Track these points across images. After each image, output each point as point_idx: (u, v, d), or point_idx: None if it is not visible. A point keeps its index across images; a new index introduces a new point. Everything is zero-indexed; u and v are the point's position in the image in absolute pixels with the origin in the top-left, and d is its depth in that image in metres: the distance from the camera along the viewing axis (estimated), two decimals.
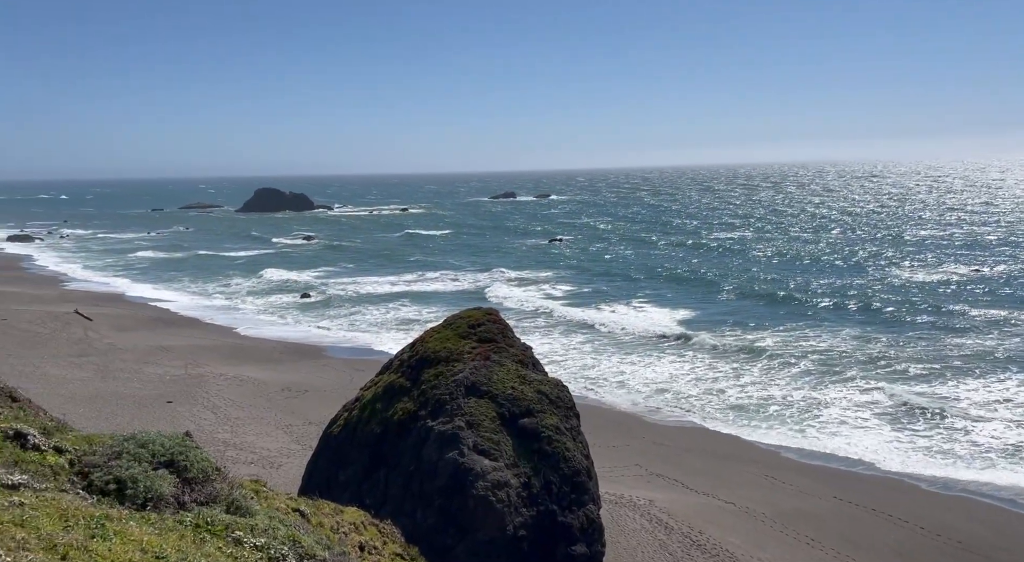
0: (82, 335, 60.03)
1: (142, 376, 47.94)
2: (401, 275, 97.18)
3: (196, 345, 57.34)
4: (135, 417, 38.54)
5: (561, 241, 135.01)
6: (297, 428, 38.06)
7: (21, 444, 9.21)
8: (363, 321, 68.09)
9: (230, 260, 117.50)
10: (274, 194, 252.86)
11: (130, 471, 8.44)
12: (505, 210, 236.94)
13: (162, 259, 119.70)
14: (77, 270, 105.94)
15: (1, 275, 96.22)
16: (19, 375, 42.61)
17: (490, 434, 22.36)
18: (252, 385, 46.06)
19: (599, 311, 69.85)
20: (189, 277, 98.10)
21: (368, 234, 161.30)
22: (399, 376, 26.67)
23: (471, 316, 28.33)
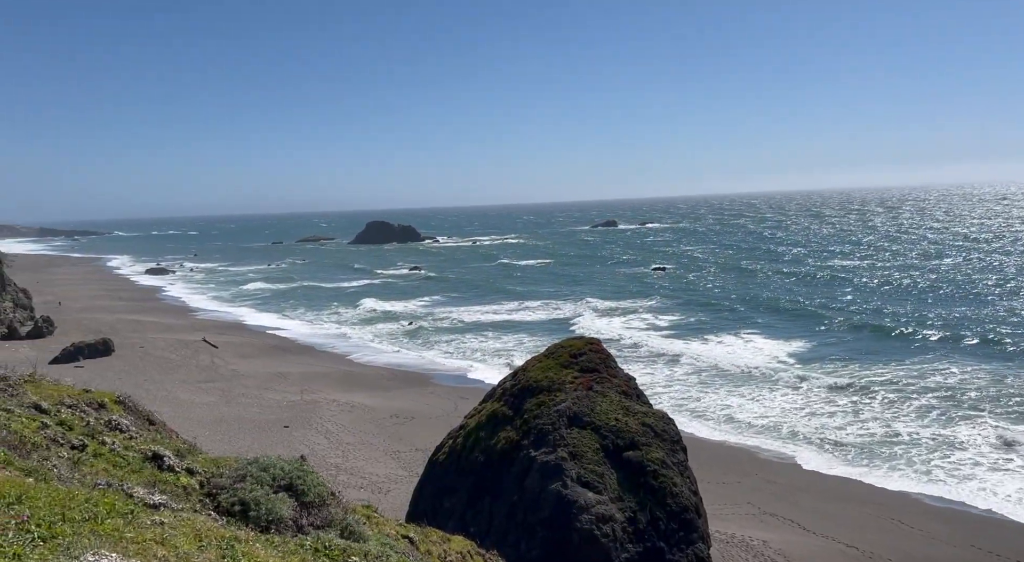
0: (209, 362, 64.15)
1: (262, 401, 50.60)
2: (502, 304, 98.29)
3: (311, 372, 60.02)
4: (255, 440, 40.67)
5: (664, 270, 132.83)
6: (404, 454, 38.95)
7: (158, 465, 9.98)
8: (466, 349, 69.21)
9: (342, 290, 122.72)
10: (383, 227, 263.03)
11: (253, 494, 8.96)
12: (604, 239, 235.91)
13: (280, 289, 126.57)
14: (205, 300, 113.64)
15: (140, 305, 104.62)
16: (154, 399, 45.94)
17: (593, 466, 22.11)
18: (362, 411, 47.65)
19: (704, 342, 67.96)
20: (304, 306, 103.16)
21: (470, 264, 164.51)
22: (502, 405, 26.88)
23: (572, 345, 28.28)
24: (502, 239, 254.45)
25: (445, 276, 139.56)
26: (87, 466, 8.82)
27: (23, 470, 6.84)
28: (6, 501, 5.29)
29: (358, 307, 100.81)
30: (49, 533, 4.84)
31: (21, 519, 4.93)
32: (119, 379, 54.50)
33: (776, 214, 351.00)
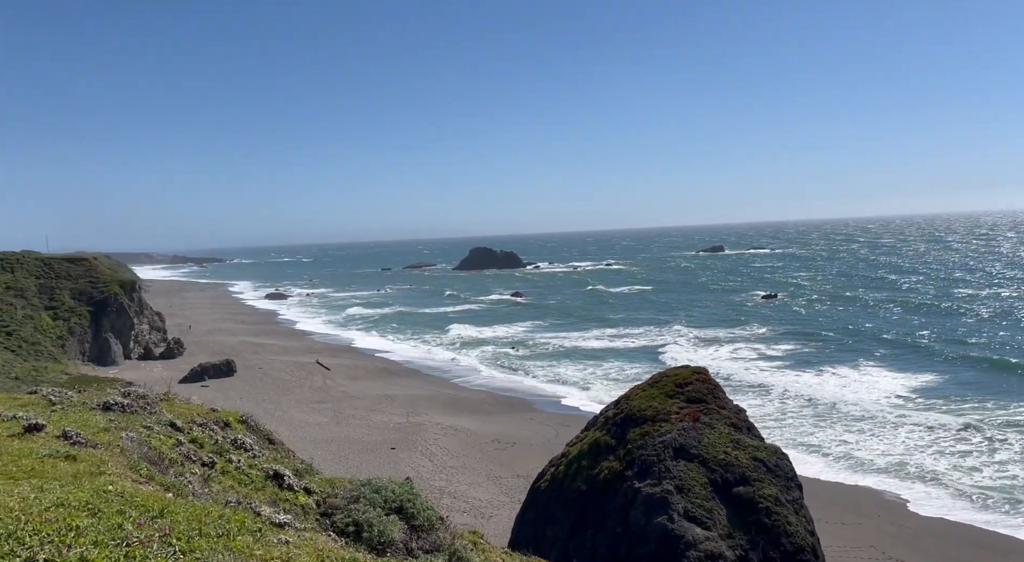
0: (321, 383, 66.96)
1: (369, 423, 52.22)
2: (601, 330, 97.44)
3: (416, 395, 61.47)
4: (363, 461, 41.95)
5: (775, 297, 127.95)
6: (506, 480, 39.06)
7: (279, 484, 10.50)
8: (567, 376, 68.91)
9: (445, 315, 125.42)
10: (486, 253, 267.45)
11: (366, 515, 9.26)
12: (708, 265, 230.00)
13: (388, 314, 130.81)
14: (318, 324, 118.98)
15: (260, 328, 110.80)
16: (271, 418, 48.34)
17: (701, 501, 21.39)
18: (465, 435, 48.26)
19: (817, 374, 64.71)
20: (411, 330, 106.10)
21: (569, 291, 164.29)
22: (604, 433, 26.53)
23: (678, 374, 27.61)
24: (603, 265, 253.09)
25: (545, 303, 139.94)
26: (216, 483, 9.40)
27: (163, 485, 7.38)
28: (150, 514, 5.74)
29: (460, 332, 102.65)
30: (188, 547, 5.21)
31: (164, 532, 5.34)
32: (240, 398, 57.75)
33: (894, 240, 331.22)
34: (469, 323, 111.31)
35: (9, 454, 7.80)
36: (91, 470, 7.21)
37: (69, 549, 4.99)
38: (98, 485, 6.50)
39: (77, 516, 5.59)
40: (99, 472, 7.11)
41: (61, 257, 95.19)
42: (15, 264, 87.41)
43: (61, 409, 12.06)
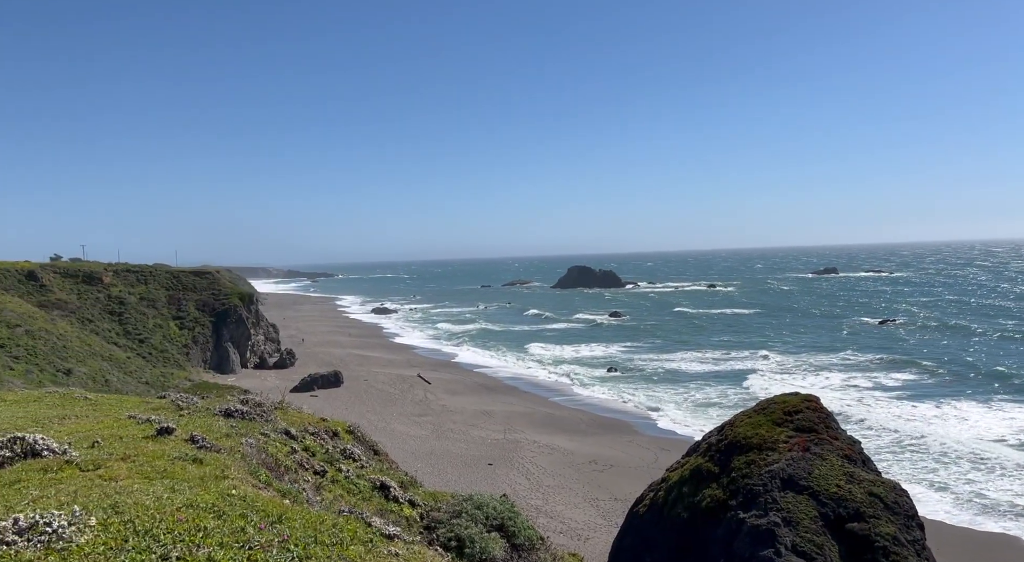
0: (423, 397, 68.48)
1: (468, 437, 52.86)
2: (705, 352, 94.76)
3: (514, 411, 61.76)
4: (461, 475, 42.47)
5: (887, 323, 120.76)
6: (603, 503, 38.51)
7: (385, 495, 10.78)
8: (665, 399, 67.36)
9: (543, 332, 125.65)
10: (585, 271, 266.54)
11: (468, 531, 9.36)
12: (818, 287, 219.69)
13: (488, 330, 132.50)
14: (420, 338, 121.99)
15: (365, 342, 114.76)
16: (375, 430, 49.81)
17: (811, 535, 20.32)
18: (562, 454, 47.99)
19: (936, 406, 60.37)
20: (509, 347, 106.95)
21: (672, 311, 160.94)
22: (707, 460, 25.71)
23: (787, 402, 26.44)
24: (704, 286, 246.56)
25: (644, 323, 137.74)
26: (327, 491, 9.76)
27: (280, 491, 7.74)
28: (270, 519, 6.03)
29: (557, 350, 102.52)
30: (305, 554, 5.44)
31: (283, 538, 5.59)
32: (346, 409, 59.87)
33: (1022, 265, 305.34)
34: (566, 342, 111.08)
35: (144, 455, 8.41)
36: (216, 474, 7.65)
37: (198, 549, 5.31)
38: (223, 488, 6.89)
39: (204, 517, 5.94)
40: (223, 476, 7.53)
41: (188, 270, 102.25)
42: (148, 276, 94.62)
43: (188, 414, 12.89)
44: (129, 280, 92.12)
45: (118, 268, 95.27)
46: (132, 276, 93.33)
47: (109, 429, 10.53)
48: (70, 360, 62.34)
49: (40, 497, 6.55)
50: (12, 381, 49.99)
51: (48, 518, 5.49)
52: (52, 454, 8.07)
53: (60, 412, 13.67)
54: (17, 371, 54.54)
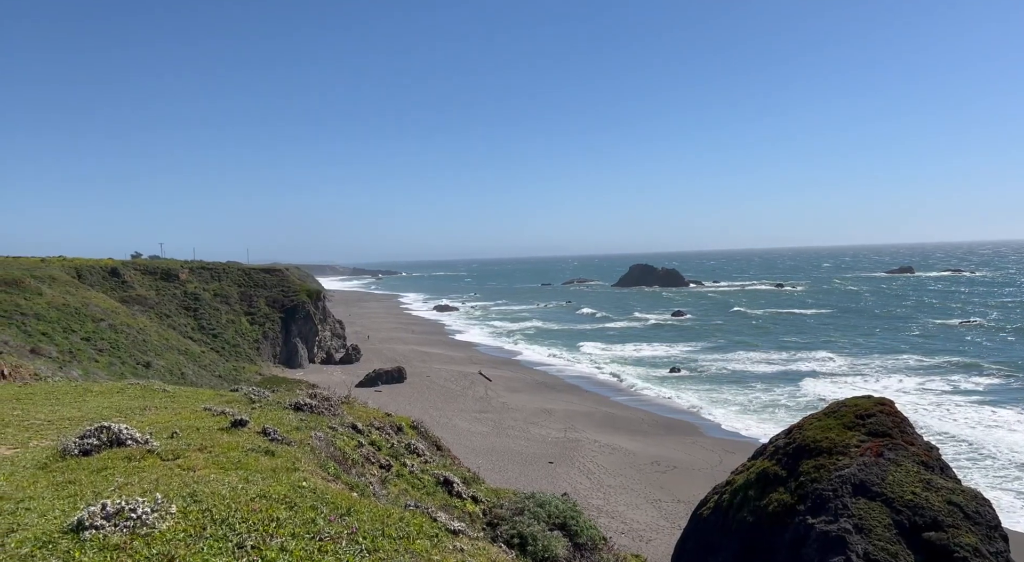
0: (483, 394, 68.95)
1: (528, 435, 52.96)
2: (771, 353, 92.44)
3: (574, 410, 61.56)
4: (521, 473, 42.58)
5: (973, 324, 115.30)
6: (665, 504, 38.01)
7: (448, 490, 10.91)
8: (730, 400, 65.97)
9: (604, 331, 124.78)
10: (646, 270, 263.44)
11: (531, 529, 9.38)
12: (893, 286, 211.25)
13: (549, 329, 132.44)
14: (481, 336, 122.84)
15: (427, 339, 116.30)
16: (437, 426, 50.42)
17: (885, 544, 19.59)
18: (623, 454, 47.57)
19: (1021, 412, 57.27)
20: (569, 345, 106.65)
21: (737, 311, 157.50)
22: (773, 463, 25.08)
23: (859, 405, 25.54)
24: (780, 284, 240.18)
25: (708, 323, 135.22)
26: (392, 485, 9.94)
27: (348, 484, 7.92)
28: (339, 512, 6.18)
29: (619, 350, 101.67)
30: (373, 546, 5.56)
31: (351, 530, 5.72)
32: (409, 404, 60.82)
33: None
34: (627, 341, 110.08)
35: (219, 446, 8.73)
36: (287, 466, 7.88)
37: (271, 538, 5.49)
38: (294, 480, 7.10)
39: (277, 508, 6.13)
40: (294, 468, 7.75)
41: (259, 267, 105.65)
42: (222, 273, 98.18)
43: (260, 407, 13.32)
44: (204, 277, 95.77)
45: (194, 265, 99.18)
46: (207, 273, 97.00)
47: (187, 420, 10.98)
48: (149, 353, 65.23)
49: (125, 484, 6.88)
50: (97, 373, 52.65)
51: (133, 504, 5.77)
52: (135, 443, 8.47)
53: (141, 403, 14.33)
54: (102, 363, 57.40)
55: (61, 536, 5.44)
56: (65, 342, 58.27)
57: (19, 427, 11.17)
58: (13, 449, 9.41)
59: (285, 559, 5.15)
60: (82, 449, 8.25)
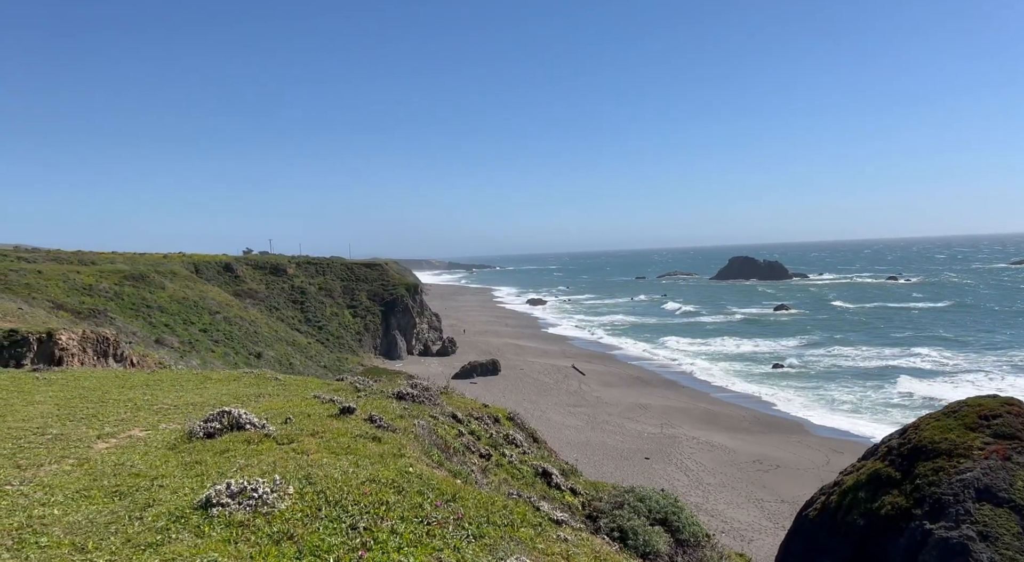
0: (577, 387, 68.83)
1: (623, 430, 52.47)
2: (882, 349, 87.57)
3: (671, 406, 60.49)
4: (617, 468, 42.26)
5: None
6: (768, 504, 36.79)
7: (547, 481, 10.96)
8: (839, 398, 63.00)
9: (702, 325, 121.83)
10: (747, 262, 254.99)
11: (631, 523, 9.29)
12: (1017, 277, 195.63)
13: (642, 322, 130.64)
14: (574, 329, 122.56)
15: (521, 332, 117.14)
16: (531, 418, 50.61)
17: (1014, 554, 18.23)
18: (722, 452, 46.38)
19: None
20: (664, 339, 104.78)
21: (841, 304, 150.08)
22: (886, 465, 23.79)
23: (983, 405, 23.84)
24: (894, 277, 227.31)
25: (813, 317, 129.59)
26: (493, 474, 10.08)
27: (451, 471, 8.10)
28: (445, 498, 6.33)
29: (719, 345, 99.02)
30: (479, 532, 5.66)
31: (457, 516, 5.85)
32: (504, 396, 61.49)
33: None
34: (727, 336, 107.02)
35: (330, 432, 9.11)
36: (393, 452, 8.13)
37: (382, 521, 5.68)
38: (400, 466, 7.32)
39: (386, 492, 6.34)
40: (400, 454, 7.99)
41: (360, 262, 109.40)
42: (326, 268, 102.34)
43: (365, 396, 13.80)
44: (309, 271, 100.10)
45: (300, 260, 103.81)
46: (312, 268, 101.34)
47: (298, 407, 11.52)
48: (260, 344, 68.85)
49: (246, 466, 7.30)
50: (214, 362, 56.08)
51: (254, 484, 6.11)
52: (253, 428, 8.96)
53: (256, 390, 15.15)
54: (218, 353, 61.07)
55: (192, 512, 5.83)
56: (185, 333, 62.33)
57: (149, 411, 12.05)
58: (145, 431, 10.16)
59: (396, 541, 5.32)
60: (206, 432, 8.81)
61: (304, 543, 5.24)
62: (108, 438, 9.60)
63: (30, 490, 6.94)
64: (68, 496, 6.67)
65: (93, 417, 11.27)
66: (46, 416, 11.34)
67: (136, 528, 5.62)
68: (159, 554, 5.09)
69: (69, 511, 6.21)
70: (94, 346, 36.06)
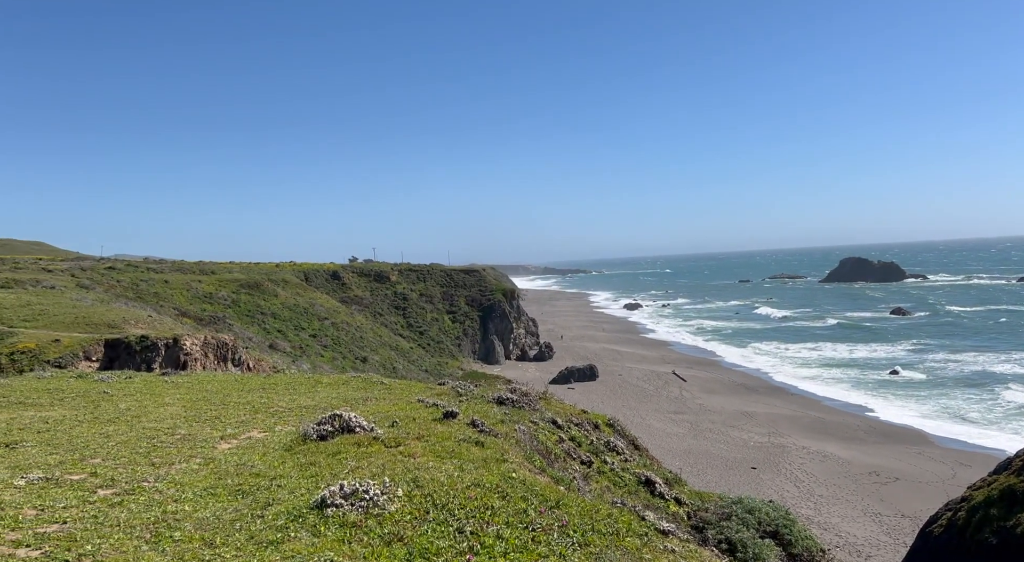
0: (678, 394, 67.34)
1: (728, 439, 50.88)
2: (1009, 354, 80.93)
3: (778, 414, 58.17)
4: (722, 477, 41.01)
5: None
6: (887, 519, 34.71)
7: (650, 490, 10.77)
8: (965, 407, 58.67)
9: (811, 330, 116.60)
10: (860, 264, 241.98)
11: (740, 535, 8.99)
12: None
13: (746, 327, 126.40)
14: (674, 334, 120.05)
15: (619, 337, 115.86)
16: (630, 425, 49.95)
17: None
18: (835, 463, 44.16)
19: None
20: (770, 345, 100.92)
21: (970, 307, 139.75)
22: (1022, 480, 22.00)
23: None
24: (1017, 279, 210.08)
25: (934, 321, 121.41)
26: (594, 481, 10.01)
27: (553, 478, 8.11)
28: (548, 504, 6.34)
29: (831, 350, 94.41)
30: (583, 540, 5.64)
31: (562, 523, 5.85)
32: (602, 402, 60.97)
33: None
34: (839, 341, 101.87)
35: (434, 435, 9.32)
36: (496, 456, 8.22)
37: (487, 525, 5.76)
38: (503, 471, 7.40)
39: (490, 497, 6.42)
40: (502, 459, 8.07)
41: (458, 268, 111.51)
42: (426, 274, 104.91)
43: (466, 400, 14.02)
44: (411, 278, 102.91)
45: (402, 267, 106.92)
46: (413, 274, 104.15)
47: (403, 411, 11.85)
48: (366, 349, 71.31)
49: (356, 468, 7.58)
50: (323, 366, 58.54)
51: (365, 486, 6.33)
52: (363, 430, 9.29)
53: (363, 394, 15.70)
54: (326, 357, 63.73)
55: (308, 511, 6.11)
56: (296, 338, 65.42)
57: (266, 413, 12.72)
58: (263, 433, 10.73)
59: (501, 546, 5.38)
60: (319, 434, 9.20)
61: (414, 545, 5.38)
62: (230, 439, 10.20)
63: (163, 487, 7.47)
64: (196, 493, 7.14)
65: (216, 419, 12.02)
66: (175, 417, 12.18)
67: (258, 526, 5.94)
68: (280, 551, 5.35)
69: (198, 508, 6.64)
70: (215, 351, 38.43)
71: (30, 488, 7.46)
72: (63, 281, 54.19)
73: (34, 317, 37.86)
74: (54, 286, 50.50)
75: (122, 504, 6.84)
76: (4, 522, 6.32)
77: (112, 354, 33.44)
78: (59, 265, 66.69)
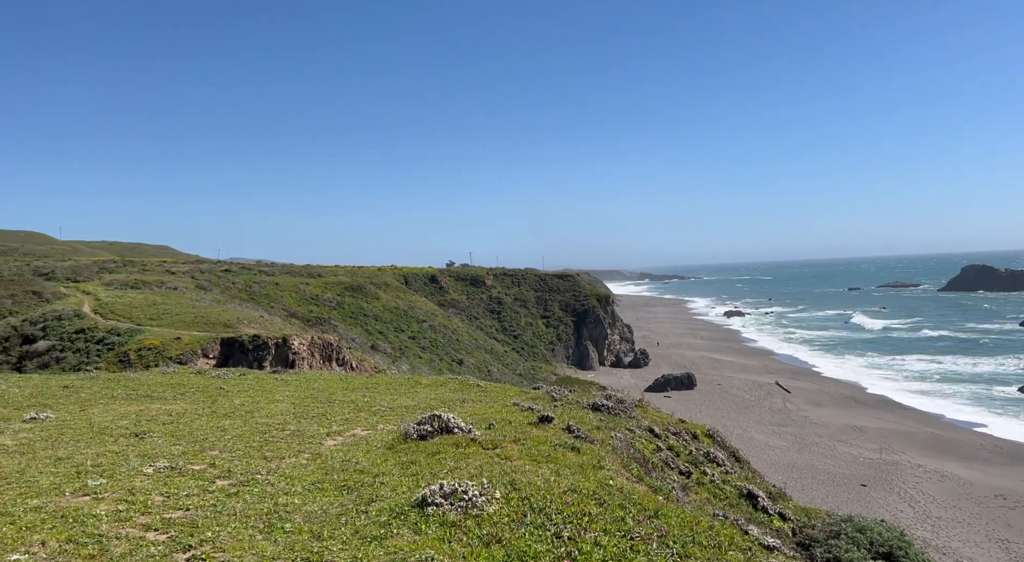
0: (781, 406, 64.71)
1: (835, 454, 48.45)
2: None
3: (891, 429, 54.91)
4: (828, 494, 39.09)
5: None
6: (1016, 546, 32.09)
7: (752, 504, 10.41)
8: None
9: (926, 341, 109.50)
10: (985, 271, 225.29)
11: (849, 554, 8.55)
12: None
13: (855, 338, 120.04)
14: (777, 344, 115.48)
15: (718, 345, 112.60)
16: (730, 436, 48.49)
17: None
18: (955, 484, 41.21)
19: None
20: (882, 357, 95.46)
21: None
22: None
23: None
24: None
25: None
26: (693, 492, 9.77)
27: (651, 487, 7.97)
28: (647, 513, 6.25)
29: (951, 363, 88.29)
30: (683, 552, 5.52)
31: (661, 533, 5.74)
32: (700, 412, 59.42)
33: None
34: (960, 353, 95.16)
35: (530, 439, 9.36)
36: (592, 463, 8.18)
37: (585, 532, 5.73)
38: (600, 478, 7.34)
39: (587, 503, 6.39)
40: (599, 466, 8.02)
41: (552, 273, 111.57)
42: (520, 279, 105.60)
43: (561, 405, 14.02)
44: (505, 283, 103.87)
45: (497, 272, 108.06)
46: (508, 279, 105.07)
47: (499, 413, 11.97)
48: (462, 351, 72.50)
49: (455, 468, 7.72)
50: (421, 367, 59.96)
51: (464, 487, 6.43)
52: (460, 432, 9.45)
53: (460, 396, 15.98)
54: (424, 359, 65.23)
55: (410, 509, 6.28)
56: (396, 340, 67.30)
57: (369, 412, 13.16)
58: (366, 431, 11.11)
59: (599, 554, 5.34)
60: (419, 434, 9.44)
61: (512, 548, 5.42)
62: (335, 436, 10.62)
63: (275, 480, 7.87)
64: (305, 487, 7.48)
65: (322, 416, 12.54)
66: (285, 414, 12.80)
67: (363, 521, 6.16)
68: (383, 547, 5.52)
69: (307, 501, 6.95)
70: (320, 351, 40.10)
71: (157, 476, 8.03)
72: (184, 283, 58.00)
73: (159, 316, 40.76)
74: (176, 287, 54.14)
75: (238, 495, 7.25)
76: (136, 507, 6.83)
77: (227, 352, 35.51)
78: (181, 268, 71.46)
